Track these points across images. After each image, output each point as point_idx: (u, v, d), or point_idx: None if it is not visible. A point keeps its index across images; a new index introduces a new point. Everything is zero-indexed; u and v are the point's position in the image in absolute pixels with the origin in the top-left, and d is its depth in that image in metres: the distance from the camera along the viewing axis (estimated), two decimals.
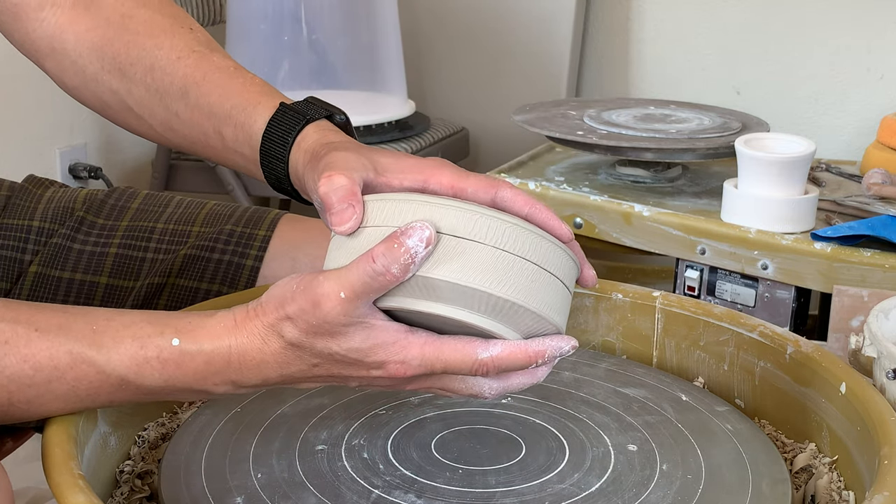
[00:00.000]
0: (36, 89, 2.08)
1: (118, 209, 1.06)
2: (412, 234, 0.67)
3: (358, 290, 0.67)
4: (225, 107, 0.88)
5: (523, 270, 0.69)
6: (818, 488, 0.81)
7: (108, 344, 0.71)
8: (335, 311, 0.67)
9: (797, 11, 2.14)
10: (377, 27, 2.15)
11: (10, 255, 1.02)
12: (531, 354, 0.70)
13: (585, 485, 0.76)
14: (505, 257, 0.68)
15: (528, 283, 0.69)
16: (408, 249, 0.67)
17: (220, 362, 0.71)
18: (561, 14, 2.25)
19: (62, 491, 0.67)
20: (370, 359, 0.70)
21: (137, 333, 0.72)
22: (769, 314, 1.54)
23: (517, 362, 0.70)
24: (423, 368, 0.70)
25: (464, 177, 0.75)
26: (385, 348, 0.69)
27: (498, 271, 0.68)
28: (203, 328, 0.71)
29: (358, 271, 0.67)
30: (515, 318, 0.69)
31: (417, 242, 0.67)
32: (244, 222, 1.04)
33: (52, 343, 0.71)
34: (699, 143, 1.68)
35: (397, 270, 0.67)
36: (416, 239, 0.67)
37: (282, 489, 0.75)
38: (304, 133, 0.83)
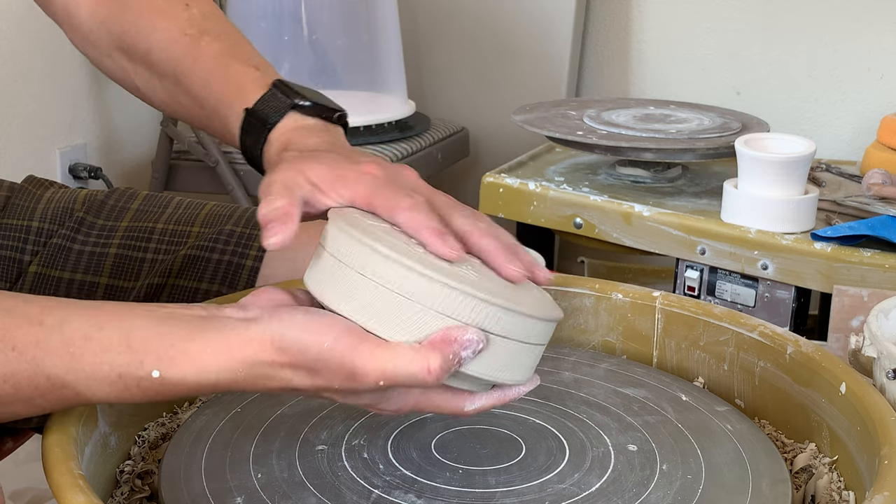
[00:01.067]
0: (36, 89, 2.08)
1: (118, 210, 1.06)
2: (469, 346, 0.66)
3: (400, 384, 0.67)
4: (210, 101, 0.89)
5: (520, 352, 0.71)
6: (818, 488, 0.81)
7: (87, 370, 0.67)
8: (367, 390, 0.67)
9: (797, 11, 2.14)
10: (377, 27, 2.15)
11: (10, 255, 1.02)
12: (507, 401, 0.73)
13: (585, 485, 0.76)
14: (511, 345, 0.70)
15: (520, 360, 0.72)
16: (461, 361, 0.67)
17: (206, 388, 0.67)
18: (561, 14, 2.25)
19: (62, 491, 0.67)
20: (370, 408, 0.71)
21: (116, 361, 0.67)
22: (769, 314, 1.54)
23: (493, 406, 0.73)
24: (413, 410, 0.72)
25: (374, 194, 0.73)
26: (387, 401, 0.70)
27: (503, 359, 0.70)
28: (187, 356, 0.66)
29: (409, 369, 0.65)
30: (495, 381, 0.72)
31: (470, 355, 0.67)
32: (244, 222, 1.04)
33: (30, 365, 0.67)
34: (699, 143, 1.68)
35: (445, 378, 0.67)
36: (470, 351, 0.67)
37: (282, 489, 0.75)
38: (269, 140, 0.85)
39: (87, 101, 2.21)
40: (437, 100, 2.42)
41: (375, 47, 2.16)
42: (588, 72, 2.36)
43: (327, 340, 0.65)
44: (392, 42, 2.17)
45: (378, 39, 2.15)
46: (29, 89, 2.06)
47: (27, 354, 0.67)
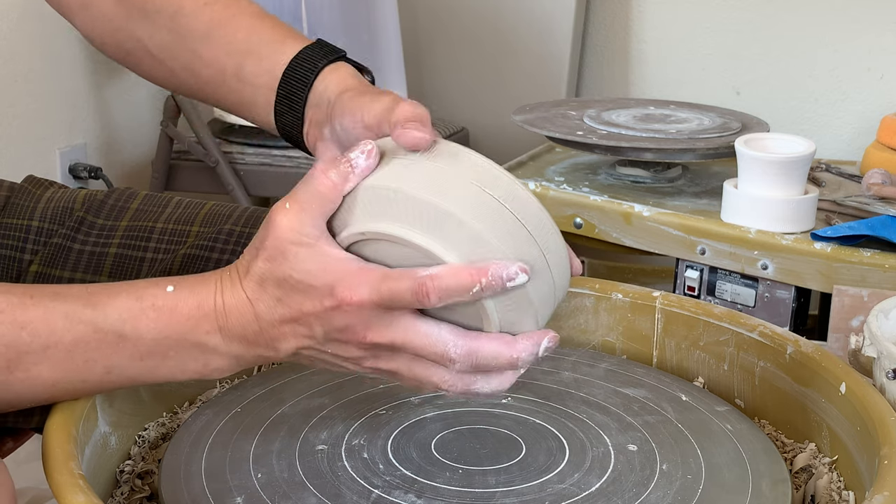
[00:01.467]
0: (36, 89, 2.08)
1: (118, 209, 1.06)
2: (355, 147, 0.71)
3: (302, 199, 0.70)
4: (252, 41, 0.90)
5: (466, 186, 0.68)
6: (818, 488, 0.81)
7: (104, 300, 0.73)
8: (283, 225, 0.70)
9: (797, 11, 2.14)
10: (377, 27, 2.15)
11: (10, 255, 1.02)
12: (473, 272, 0.67)
13: (585, 485, 0.76)
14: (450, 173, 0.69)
15: (476, 205, 0.68)
16: (349, 159, 0.70)
17: (208, 304, 0.72)
18: (561, 14, 2.25)
19: (62, 491, 0.67)
20: (319, 282, 0.70)
21: (132, 288, 0.74)
22: (769, 314, 1.54)
23: (459, 281, 0.67)
24: (369, 293, 0.68)
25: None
26: (334, 272, 0.70)
27: (435, 181, 0.69)
28: (195, 276, 0.75)
29: (300, 185, 0.71)
30: (451, 233, 0.68)
31: (358, 154, 0.70)
32: (244, 222, 1.04)
33: (47, 308, 0.72)
34: (699, 143, 1.68)
35: (335, 176, 0.70)
36: (357, 151, 0.70)
37: (282, 489, 0.75)
38: (337, 64, 0.87)
39: (87, 101, 2.21)
40: (437, 100, 2.42)
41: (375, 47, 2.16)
42: (588, 72, 2.36)
43: None
44: (392, 42, 2.17)
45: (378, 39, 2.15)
46: (29, 89, 2.06)
47: (44, 299, 0.72)
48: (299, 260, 0.70)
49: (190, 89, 0.96)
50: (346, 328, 0.71)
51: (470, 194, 0.68)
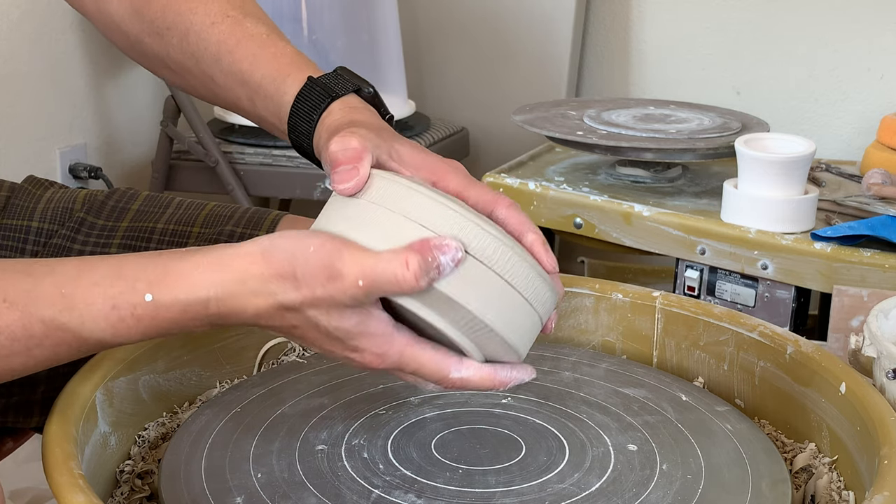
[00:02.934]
0: (36, 89, 2.08)
1: (118, 210, 1.06)
2: (447, 251, 0.67)
3: (380, 287, 0.67)
4: (255, 76, 0.89)
5: (511, 299, 0.70)
6: (818, 488, 0.81)
7: (80, 307, 0.69)
8: (347, 295, 0.67)
9: (797, 11, 2.14)
10: (377, 27, 2.15)
11: (9, 256, 1.02)
12: (496, 383, 0.72)
13: (585, 485, 0.76)
14: (498, 282, 0.69)
15: (511, 313, 0.70)
16: (439, 266, 0.67)
17: (197, 310, 0.69)
18: (561, 14, 2.25)
19: (62, 491, 0.67)
20: (352, 343, 0.70)
21: (108, 292, 0.69)
22: (769, 314, 1.54)
23: (481, 386, 0.72)
24: (396, 366, 0.71)
25: (469, 185, 0.76)
26: (370, 338, 0.69)
27: (489, 294, 0.69)
28: (177, 275, 0.69)
29: (387, 268, 0.66)
30: (488, 341, 0.71)
31: (449, 262, 0.67)
32: (244, 223, 1.04)
33: (23, 313, 0.69)
34: (699, 143, 1.68)
35: (425, 284, 0.67)
36: (448, 258, 0.67)
37: (282, 489, 0.75)
38: (329, 109, 0.84)
39: (87, 101, 2.21)
40: (437, 100, 2.42)
41: (375, 47, 2.16)
42: (588, 72, 2.36)
43: (312, 245, 0.67)
44: (392, 42, 2.17)
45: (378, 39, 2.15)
46: (29, 89, 2.06)
47: (20, 303, 0.69)
48: (343, 319, 0.68)
49: (212, 102, 0.97)
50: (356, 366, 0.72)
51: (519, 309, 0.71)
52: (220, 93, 0.93)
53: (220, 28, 0.91)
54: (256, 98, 0.89)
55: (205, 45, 0.91)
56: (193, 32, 0.92)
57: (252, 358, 0.97)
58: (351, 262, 0.67)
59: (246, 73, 0.89)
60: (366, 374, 0.91)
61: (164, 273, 0.69)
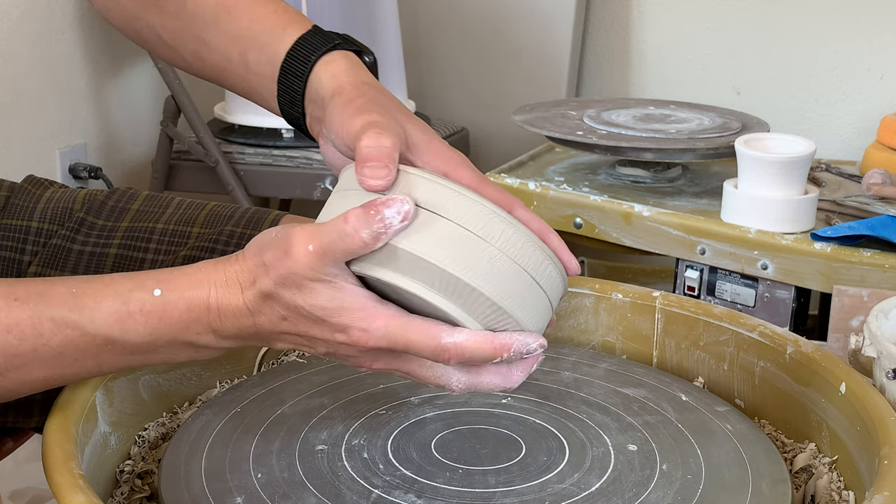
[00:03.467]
0: (36, 89, 2.08)
1: (118, 210, 1.06)
2: (391, 204, 0.67)
3: (325, 246, 0.68)
4: (254, 30, 0.89)
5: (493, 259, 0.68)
6: (818, 488, 0.81)
7: (90, 304, 0.71)
8: (302, 263, 0.68)
9: (797, 11, 2.14)
10: (377, 27, 2.15)
11: (9, 256, 1.02)
12: (496, 346, 0.69)
13: (585, 485, 0.76)
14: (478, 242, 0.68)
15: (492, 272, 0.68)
16: (383, 218, 0.67)
17: (200, 308, 0.71)
18: (561, 14, 2.25)
19: (62, 491, 0.67)
20: (334, 320, 0.69)
21: (118, 290, 0.72)
22: (769, 314, 1.54)
23: (481, 352, 0.69)
24: (385, 341, 0.69)
25: (483, 184, 0.75)
26: (350, 312, 0.69)
27: (464, 253, 0.68)
28: (183, 275, 0.72)
29: (329, 228, 0.68)
30: (475, 305, 0.68)
31: (394, 214, 0.67)
32: (244, 223, 1.04)
33: (33, 311, 0.71)
34: (699, 143, 1.68)
35: (367, 236, 0.67)
36: (393, 210, 0.67)
37: (282, 489, 0.75)
38: (331, 56, 0.84)
39: (87, 101, 2.21)
40: (437, 100, 2.42)
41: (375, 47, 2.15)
42: (588, 72, 2.36)
43: (274, 231, 0.70)
44: (392, 42, 2.17)
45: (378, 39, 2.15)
46: (29, 89, 2.06)
47: (30, 302, 0.71)
48: (314, 294, 0.69)
49: (202, 75, 0.96)
50: (352, 357, 0.72)
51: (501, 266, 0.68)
52: (211, 58, 0.92)
53: None
54: (250, 52, 0.88)
55: (202, 9, 0.91)
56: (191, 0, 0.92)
57: (252, 358, 0.97)
58: (300, 233, 0.68)
59: (243, 29, 0.89)
60: (366, 374, 0.91)
61: (172, 274, 0.73)
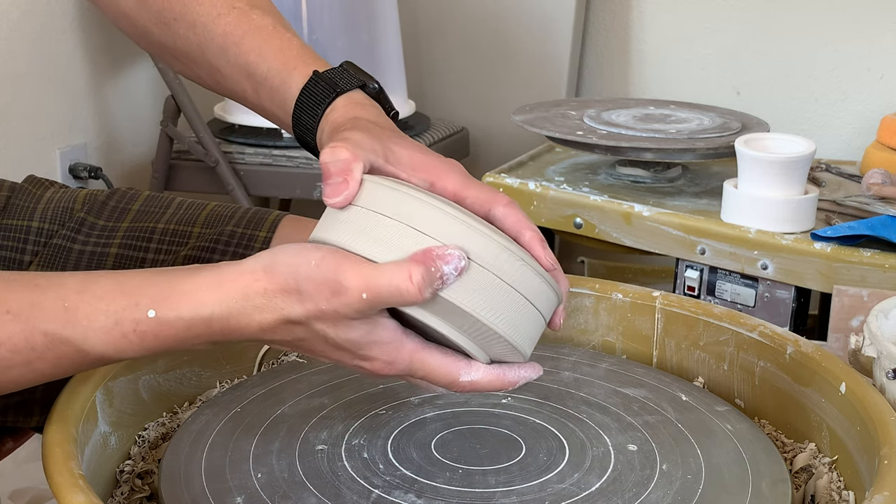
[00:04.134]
0: (36, 89, 2.08)
1: (119, 210, 1.06)
2: (450, 261, 0.66)
3: (384, 299, 0.66)
4: (261, 69, 0.89)
5: (513, 302, 0.70)
6: (818, 488, 0.81)
7: (83, 322, 0.69)
8: (352, 308, 0.67)
9: (797, 11, 2.14)
10: (377, 27, 2.15)
11: (10, 256, 1.02)
12: (505, 384, 0.72)
13: (585, 485, 0.76)
14: (500, 286, 0.69)
15: (515, 316, 0.70)
16: (443, 276, 0.66)
17: (200, 328, 0.69)
18: (561, 14, 2.25)
19: (62, 491, 0.67)
20: (361, 352, 0.70)
21: (111, 307, 0.69)
22: (769, 314, 1.54)
23: (491, 388, 0.72)
24: (405, 372, 0.71)
25: (467, 185, 0.75)
26: (379, 347, 0.69)
27: (492, 299, 0.69)
28: (180, 294, 0.69)
29: (390, 282, 0.66)
30: (494, 344, 0.71)
31: (453, 272, 0.67)
32: (245, 223, 1.04)
33: (25, 325, 0.69)
34: (699, 143, 1.68)
35: (429, 295, 0.66)
36: (452, 267, 0.66)
37: (282, 489, 0.75)
38: (333, 105, 0.84)
39: (87, 100, 2.21)
40: (437, 100, 2.42)
41: (375, 47, 2.16)
42: (588, 72, 2.36)
43: (314, 259, 0.67)
44: (392, 42, 2.17)
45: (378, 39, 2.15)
46: (29, 89, 2.06)
47: (22, 315, 0.69)
48: (349, 329, 0.68)
49: (217, 93, 0.97)
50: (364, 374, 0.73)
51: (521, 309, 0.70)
52: (226, 84, 0.93)
53: (226, 20, 0.91)
54: (262, 91, 0.89)
55: (211, 37, 0.91)
56: (200, 24, 0.92)
57: (252, 358, 0.97)
58: (354, 276, 0.66)
59: (252, 66, 0.89)
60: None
61: (167, 290, 0.69)
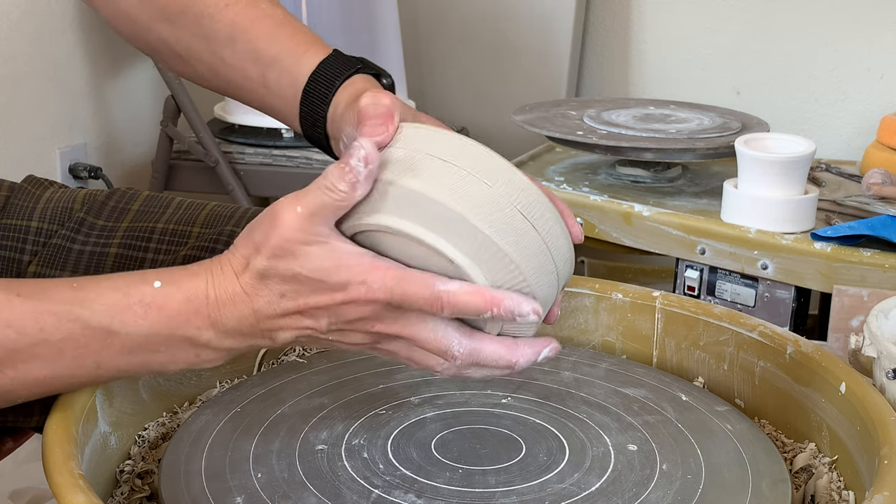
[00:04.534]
0: (36, 89, 2.08)
1: (119, 210, 1.06)
2: (352, 153, 0.68)
3: (312, 204, 0.69)
4: (272, 52, 0.89)
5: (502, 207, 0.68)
6: (818, 488, 0.81)
7: (91, 297, 0.72)
8: (293, 226, 0.69)
9: (797, 11, 2.14)
10: (377, 27, 2.15)
11: (9, 256, 1.02)
12: (487, 299, 0.69)
13: (585, 485, 0.76)
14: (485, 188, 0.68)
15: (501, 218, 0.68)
16: (351, 168, 0.68)
17: (199, 298, 0.71)
18: (561, 14, 2.25)
19: (62, 491, 0.67)
20: (333, 279, 0.69)
21: (118, 284, 0.73)
22: (769, 314, 1.54)
23: (474, 304, 0.69)
24: (383, 292, 0.69)
25: None
26: (349, 268, 0.69)
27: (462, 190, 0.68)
28: (182, 269, 0.73)
29: (312, 187, 0.69)
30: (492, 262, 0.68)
31: (357, 161, 0.68)
32: (245, 223, 1.04)
33: (34, 306, 0.71)
34: (699, 143, 1.68)
35: (345, 187, 0.68)
36: (354, 158, 0.68)
37: (282, 489, 0.75)
38: (352, 79, 0.85)
39: (87, 101, 2.21)
40: (437, 99, 2.42)
41: (375, 47, 2.16)
42: (588, 72, 2.36)
43: (261, 212, 0.72)
44: (392, 42, 2.17)
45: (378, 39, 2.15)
46: (29, 89, 2.06)
47: (32, 298, 0.71)
48: (310, 257, 0.69)
49: (217, 89, 0.97)
50: (355, 320, 0.72)
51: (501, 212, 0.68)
52: (228, 74, 0.93)
53: (234, 9, 0.92)
54: (270, 72, 0.89)
55: (218, 27, 0.92)
56: (207, 15, 0.92)
57: (252, 358, 0.97)
58: (285, 200, 0.70)
59: (261, 51, 0.90)
60: (366, 374, 0.91)
61: (172, 269, 0.74)
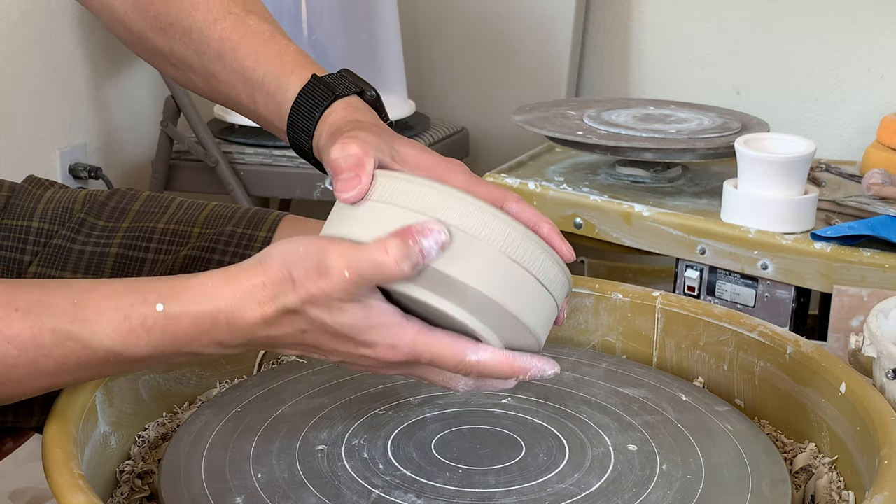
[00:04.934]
0: (36, 89, 2.08)
1: (119, 210, 1.06)
2: (429, 235, 0.66)
3: (364, 274, 0.67)
4: (258, 73, 0.89)
5: (524, 282, 0.69)
6: (818, 488, 0.81)
7: (91, 318, 0.70)
8: (338, 288, 0.67)
9: (797, 11, 2.14)
10: (377, 27, 2.15)
11: (9, 256, 1.02)
12: (515, 370, 0.71)
13: (585, 485, 0.76)
14: (510, 265, 0.68)
15: (525, 295, 0.69)
16: (422, 250, 0.66)
17: (207, 323, 0.69)
18: (561, 14, 2.25)
19: (62, 491, 0.67)
20: (362, 338, 0.69)
21: (120, 303, 0.70)
22: (769, 314, 1.54)
23: (500, 373, 0.71)
24: (410, 356, 0.70)
25: (475, 183, 0.76)
26: (379, 330, 0.69)
27: (502, 278, 0.68)
28: (188, 289, 0.70)
29: (368, 256, 0.66)
30: (504, 325, 0.70)
31: (433, 245, 0.67)
32: (245, 223, 1.04)
33: (33, 322, 0.70)
34: (699, 143, 1.68)
35: (408, 268, 0.66)
36: (431, 241, 0.66)
37: (282, 489, 0.75)
38: (331, 108, 0.84)
39: (86, 101, 2.21)
40: (437, 100, 2.42)
41: (375, 47, 2.16)
42: (588, 72, 2.36)
43: (302, 246, 0.69)
44: (392, 42, 2.17)
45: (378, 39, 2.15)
46: (29, 89, 2.06)
47: (30, 313, 0.70)
48: (344, 313, 0.68)
49: (214, 101, 0.97)
50: (370, 367, 0.72)
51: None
52: (221, 89, 0.93)
53: (222, 25, 0.91)
54: (258, 95, 0.89)
55: (207, 42, 0.91)
56: (196, 30, 0.92)
57: (252, 358, 0.97)
58: (336, 256, 0.67)
59: (248, 71, 0.89)
60: (366, 374, 0.91)
61: (175, 287, 0.70)
